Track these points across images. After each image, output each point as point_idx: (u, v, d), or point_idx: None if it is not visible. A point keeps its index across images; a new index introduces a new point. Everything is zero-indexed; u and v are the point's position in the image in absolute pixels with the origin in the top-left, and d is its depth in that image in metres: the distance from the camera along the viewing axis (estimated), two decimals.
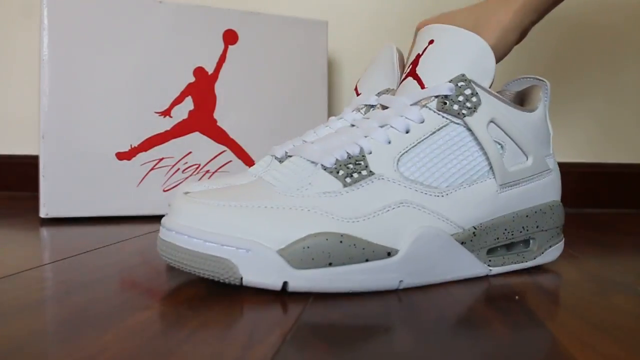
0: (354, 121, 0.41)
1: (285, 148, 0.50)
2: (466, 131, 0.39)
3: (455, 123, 0.39)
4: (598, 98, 0.91)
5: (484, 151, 0.39)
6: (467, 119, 0.39)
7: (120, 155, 0.67)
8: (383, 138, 0.38)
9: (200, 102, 0.70)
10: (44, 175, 0.63)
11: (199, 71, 0.70)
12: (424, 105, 0.39)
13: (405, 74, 0.42)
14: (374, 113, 0.41)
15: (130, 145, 0.67)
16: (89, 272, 0.39)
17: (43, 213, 0.63)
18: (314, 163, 0.38)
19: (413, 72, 0.41)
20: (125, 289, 0.35)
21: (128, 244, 0.51)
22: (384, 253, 0.35)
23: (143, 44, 0.68)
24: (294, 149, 0.40)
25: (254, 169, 0.50)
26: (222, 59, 0.72)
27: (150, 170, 0.68)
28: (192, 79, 0.70)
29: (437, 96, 0.39)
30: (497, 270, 0.41)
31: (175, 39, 0.69)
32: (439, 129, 0.39)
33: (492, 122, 0.39)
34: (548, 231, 0.43)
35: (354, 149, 0.38)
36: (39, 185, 0.64)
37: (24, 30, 0.97)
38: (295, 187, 0.36)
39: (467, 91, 0.39)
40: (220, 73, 0.71)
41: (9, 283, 0.36)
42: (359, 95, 0.54)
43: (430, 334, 0.28)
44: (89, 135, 0.65)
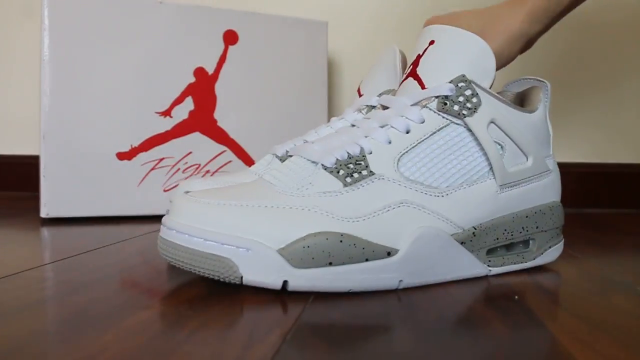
0: (354, 121, 0.41)
1: (286, 147, 0.50)
2: (466, 132, 0.39)
3: (456, 123, 0.39)
4: (598, 98, 0.91)
5: (484, 152, 0.39)
6: (468, 120, 0.39)
7: (121, 155, 0.67)
8: (383, 138, 0.38)
9: (201, 102, 0.71)
10: (44, 175, 0.64)
11: (199, 71, 0.70)
12: (425, 106, 0.39)
13: (405, 75, 0.42)
14: (375, 113, 0.41)
15: (131, 145, 0.67)
16: (89, 272, 0.39)
17: (44, 213, 0.63)
18: (315, 163, 0.38)
19: (413, 73, 0.41)
20: (125, 288, 0.35)
21: (128, 244, 0.51)
22: (384, 253, 0.35)
23: (143, 44, 0.68)
24: (294, 149, 0.40)
25: (255, 168, 0.50)
26: (223, 59, 0.72)
27: (150, 170, 0.68)
28: (193, 79, 0.70)
29: (438, 96, 0.39)
30: (497, 271, 0.41)
31: (175, 40, 0.69)
32: (439, 129, 0.39)
33: (493, 123, 0.39)
34: (548, 232, 0.43)
35: (354, 149, 0.38)
36: (39, 185, 0.64)
37: (24, 30, 0.97)
38: (296, 187, 0.36)
39: (468, 92, 0.39)
40: (221, 73, 0.72)
41: (9, 283, 0.36)
42: (361, 96, 0.54)
43: (430, 334, 0.28)
44: (89, 135, 0.65)
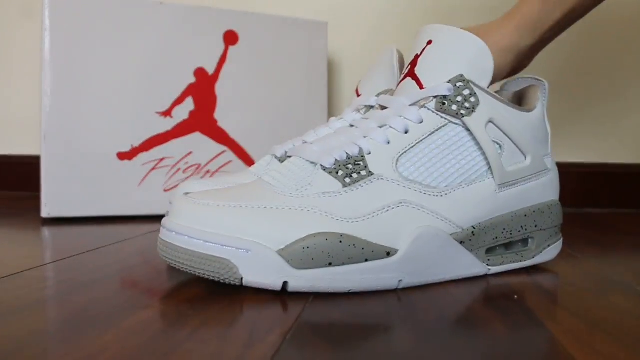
0: (353, 122, 0.41)
1: (285, 148, 0.51)
2: (465, 131, 0.39)
3: (454, 123, 0.39)
4: (598, 98, 0.91)
5: (482, 151, 0.39)
6: (466, 119, 0.39)
7: (122, 156, 0.67)
8: (382, 138, 0.38)
9: (201, 103, 0.71)
10: (45, 176, 0.64)
11: (199, 72, 0.70)
12: (423, 106, 0.39)
13: (403, 75, 0.42)
14: (373, 113, 0.41)
15: (131, 145, 0.67)
16: (89, 272, 0.39)
17: (44, 213, 0.64)
18: (314, 163, 0.38)
19: (412, 73, 0.41)
20: (125, 288, 0.35)
21: (129, 243, 0.51)
22: (384, 253, 0.35)
23: (144, 45, 0.68)
24: (293, 150, 0.40)
25: (254, 168, 0.51)
26: (223, 59, 0.72)
27: (151, 170, 0.68)
28: (193, 80, 0.70)
29: (436, 96, 0.39)
30: (496, 270, 0.41)
31: (176, 40, 0.69)
32: (438, 129, 0.39)
33: (491, 122, 0.40)
34: (546, 230, 0.43)
35: (353, 150, 0.38)
36: (40, 185, 0.64)
37: (24, 30, 0.97)
38: (295, 188, 0.36)
39: (466, 91, 0.39)
40: (221, 74, 0.72)
41: (10, 283, 0.36)
42: (360, 96, 0.54)
43: (430, 334, 0.28)
44: (90, 135, 0.65)
